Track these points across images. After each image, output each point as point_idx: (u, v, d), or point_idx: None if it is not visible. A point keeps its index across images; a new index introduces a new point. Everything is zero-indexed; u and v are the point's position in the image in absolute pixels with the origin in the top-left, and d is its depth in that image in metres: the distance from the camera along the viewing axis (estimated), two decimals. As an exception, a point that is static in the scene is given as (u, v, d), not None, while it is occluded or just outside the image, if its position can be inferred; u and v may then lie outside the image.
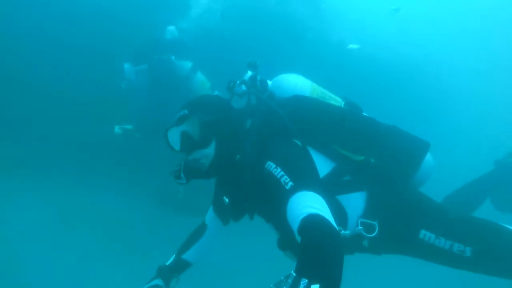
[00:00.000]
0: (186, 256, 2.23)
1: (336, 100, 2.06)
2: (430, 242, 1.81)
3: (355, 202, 1.84)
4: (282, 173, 1.58)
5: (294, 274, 1.21)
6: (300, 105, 1.92)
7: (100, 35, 5.49)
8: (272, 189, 1.60)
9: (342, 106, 2.04)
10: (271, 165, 1.65)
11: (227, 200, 1.92)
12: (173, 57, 4.71)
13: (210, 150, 1.81)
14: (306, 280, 1.15)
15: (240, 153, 1.82)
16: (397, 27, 10.07)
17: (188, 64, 4.74)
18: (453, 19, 11.87)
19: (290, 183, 1.53)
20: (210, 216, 2.26)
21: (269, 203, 1.68)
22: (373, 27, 9.73)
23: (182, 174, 1.83)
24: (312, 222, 1.36)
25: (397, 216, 1.84)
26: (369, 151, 1.86)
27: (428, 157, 1.95)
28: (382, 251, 1.93)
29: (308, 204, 1.43)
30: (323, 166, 1.83)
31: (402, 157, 1.89)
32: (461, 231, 1.81)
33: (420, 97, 9.49)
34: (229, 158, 1.84)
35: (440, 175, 2.65)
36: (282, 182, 1.55)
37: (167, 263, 2.24)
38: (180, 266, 2.22)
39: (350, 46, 6.89)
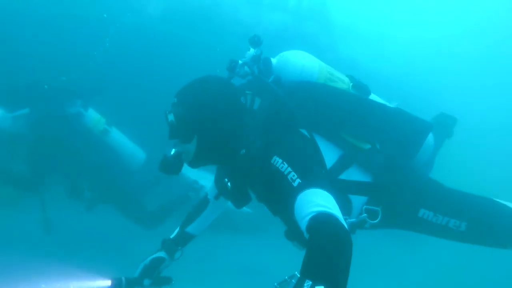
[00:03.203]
0: (190, 229, 2.32)
1: (344, 81, 2.01)
2: (429, 220, 1.89)
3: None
4: (289, 169, 1.54)
5: (298, 275, 1.21)
6: (308, 93, 1.87)
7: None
8: (279, 186, 1.56)
9: (350, 88, 2.00)
10: (277, 161, 1.60)
11: (229, 184, 1.89)
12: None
13: (191, 147, 1.77)
14: (310, 282, 1.13)
15: (245, 147, 1.77)
16: (411, 42, 10.32)
17: (77, 102, 4.32)
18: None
19: (298, 180, 1.49)
20: (212, 191, 2.28)
21: (276, 198, 1.66)
22: (386, 42, 9.96)
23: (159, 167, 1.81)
24: (322, 222, 1.34)
25: (399, 199, 1.88)
26: (374, 136, 1.87)
27: (429, 137, 1.98)
28: (381, 228, 1.96)
29: (316, 202, 1.40)
30: (330, 155, 1.81)
31: (404, 139, 1.91)
32: (457, 208, 1.91)
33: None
34: (229, 153, 1.80)
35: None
36: (289, 179, 1.52)
37: (171, 236, 2.32)
38: (183, 239, 2.32)
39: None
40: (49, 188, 4.35)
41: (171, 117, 1.73)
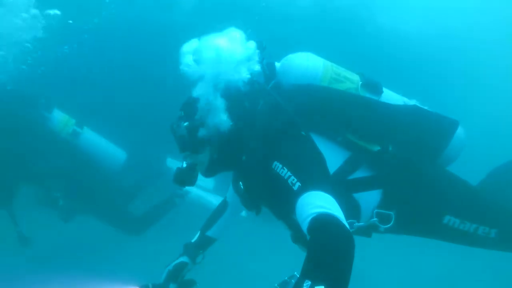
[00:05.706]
0: (210, 232, 2.40)
1: (352, 81, 1.95)
2: (455, 227, 1.78)
3: (369, 194, 1.80)
4: (289, 173, 1.55)
5: (298, 275, 1.21)
6: (308, 97, 1.86)
7: None
8: (280, 190, 1.58)
9: (359, 87, 1.94)
10: (277, 166, 1.62)
11: (242, 187, 1.93)
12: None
13: (204, 157, 1.83)
14: (310, 282, 1.13)
15: (246, 154, 1.80)
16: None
17: (39, 106, 3.97)
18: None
19: (298, 184, 1.50)
20: (231, 194, 2.34)
21: (278, 202, 1.69)
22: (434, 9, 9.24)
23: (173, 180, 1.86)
24: (322, 222, 1.33)
25: (417, 203, 1.79)
26: (386, 138, 1.81)
27: (459, 132, 1.87)
28: (401, 233, 1.90)
29: (317, 204, 1.40)
30: (335, 157, 1.79)
31: (425, 140, 1.82)
32: (487, 214, 1.78)
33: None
34: (234, 160, 1.84)
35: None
36: (289, 183, 1.53)
37: (193, 240, 2.41)
38: (205, 243, 2.39)
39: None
40: (19, 200, 4.07)
41: (181, 130, 1.79)
